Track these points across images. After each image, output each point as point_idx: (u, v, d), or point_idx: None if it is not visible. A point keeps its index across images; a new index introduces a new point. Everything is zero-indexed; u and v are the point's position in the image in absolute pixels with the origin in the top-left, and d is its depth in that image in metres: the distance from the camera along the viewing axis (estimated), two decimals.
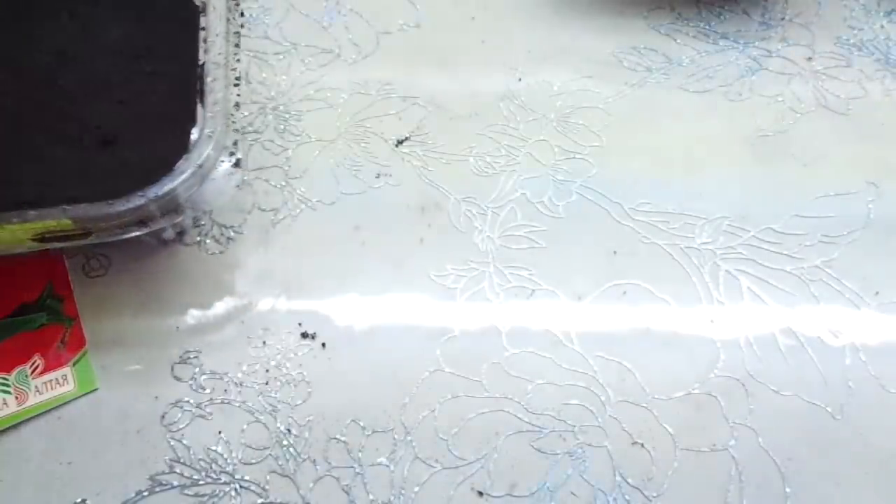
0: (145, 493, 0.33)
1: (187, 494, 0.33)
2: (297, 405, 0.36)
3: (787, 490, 0.34)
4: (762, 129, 0.46)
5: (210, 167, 0.34)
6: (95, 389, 0.36)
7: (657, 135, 0.45)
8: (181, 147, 0.34)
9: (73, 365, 0.36)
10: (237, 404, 0.35)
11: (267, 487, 0.33)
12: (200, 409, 0.35)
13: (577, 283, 0.39)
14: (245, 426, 0.35)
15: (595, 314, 0.39)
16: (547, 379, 0.37)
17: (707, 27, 0.51)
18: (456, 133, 0.44)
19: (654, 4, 0.52)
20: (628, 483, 0.34)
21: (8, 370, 0.35)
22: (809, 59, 0.49)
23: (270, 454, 0.34)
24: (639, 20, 0.51)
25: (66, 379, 0.36)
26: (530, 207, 0.42)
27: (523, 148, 0.44)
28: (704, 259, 0.41)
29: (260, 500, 0.33)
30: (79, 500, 0.33)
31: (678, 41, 0.50)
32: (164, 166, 0.33)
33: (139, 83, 0.38)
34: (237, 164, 0.35)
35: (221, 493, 0.33)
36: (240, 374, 0.36)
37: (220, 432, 0.35)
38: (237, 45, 0.38)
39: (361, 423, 0.35)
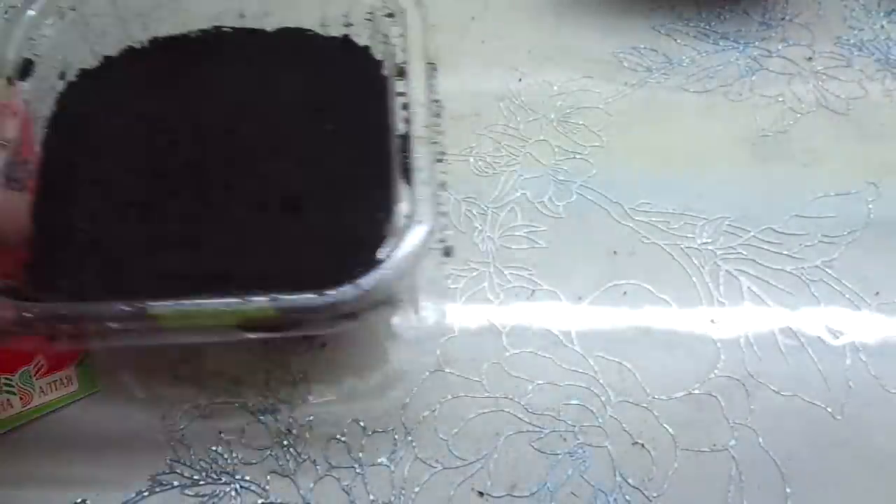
0: (145, 493, 0.33)
1: (187, 494, 0.33)
2: (297, 405, 0.36)
3: (788, 490, 0.34)
4: (762, 129, 0.46)
5: (422, 256, 0.29)
6: (99, 390, 0.36)
7: (657, 135, 0.45)
8: (379, 225, 0.31)
9: (77, 366, 0.36)
10: (237, 404, 0.35)
11: (267, 487, 0.33)
12: (200, 409, 0.35)
13: (577, 283, 0.39)
14: (245, 426, 0.35)
15: (595, 314, 0.39)
16: (547, 379, 0.37)
17: (707, 27, 0.51)
18: (456, 133, 0.44)
19: (655, 5, 0.52)
20: (629, 483, 0.34)
21: (12, 371, 0.35)
22: (809, 59, 0.49)
23: (270, 454, 0.34)
24: (639, 20, 0.51)
25: (69, 380, 0.36)
26: (530, 207, 0.42)
27: (523, 148, 0.44)
28: (705, 259, 0.41)
29: (260, 500, 0.33)
30: (79, 501, 0.33)
31: (678, 41, 0.50)
32: (362, 245, 0.30)
33: (321, 143, 0.35)
34: (447, 253, 0.30)
35: (221, 493, 0.33)
36: (240, 374, 0.36)
37: (220, 432, 0.35)
38: (438, 115, 0.33)
39: (361, 423, 0.35)
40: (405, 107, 0.33)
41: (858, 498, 0.34)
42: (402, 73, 0.34)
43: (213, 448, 0.34)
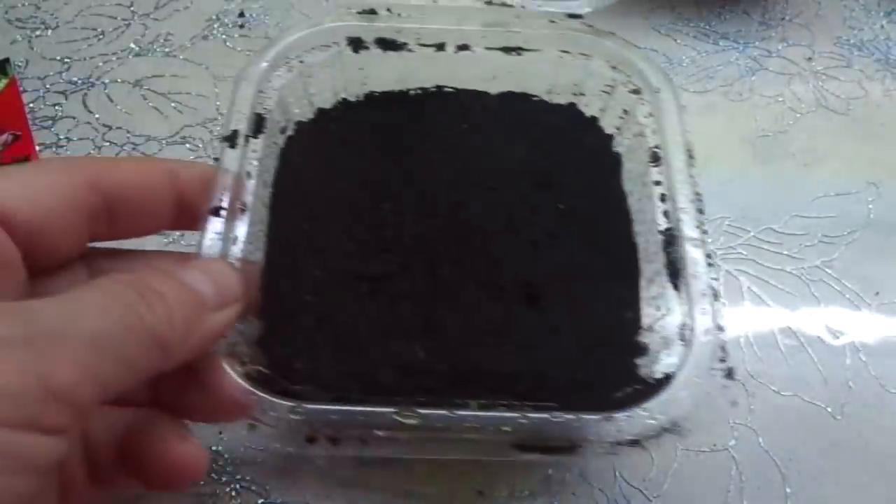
0: (145, 493, 0.33)
1: (187, 494, 0.33)
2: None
3: (787, 490, 0.34)
4: (762, 129, 0.46)
5: (707, 378, 0.26)
6: None
7: None
8: (631, 328, 0.28)
9: None
10: None
11: (267, 487, 0.33)
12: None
13: None
14: (246, 426, 0.35)
15: None
16: None
17: (707, 27, 0.51)
18: None
19: (655, 5, 0.52)
20: (629, 483, 0.34)
21: None
22: (809, 59, 0.49)
23: (270, 454, 0.34)
24: (639, 20, 0.51)
25: None
26: None
27: None
28: None
29: (260, 500, 0.33)
30: None
31: (678, 41, 0.50)
32: (619, 352, 0.27)
33: (554, 223, 0.31)
34: (729, 375, 0.26)
35: (221, 493, 0.33)
36: None
37: (220, 432, 0.35)
38: (701, 211, 0.29)
39: None
40: (663, 198, 0.30)
41: (858, 498, 0.34)
42: (656, 158, 0.31)
43: (214, 448, 0.34)
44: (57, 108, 0.46)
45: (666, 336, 0.26)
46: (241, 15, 0.50)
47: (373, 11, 0.34)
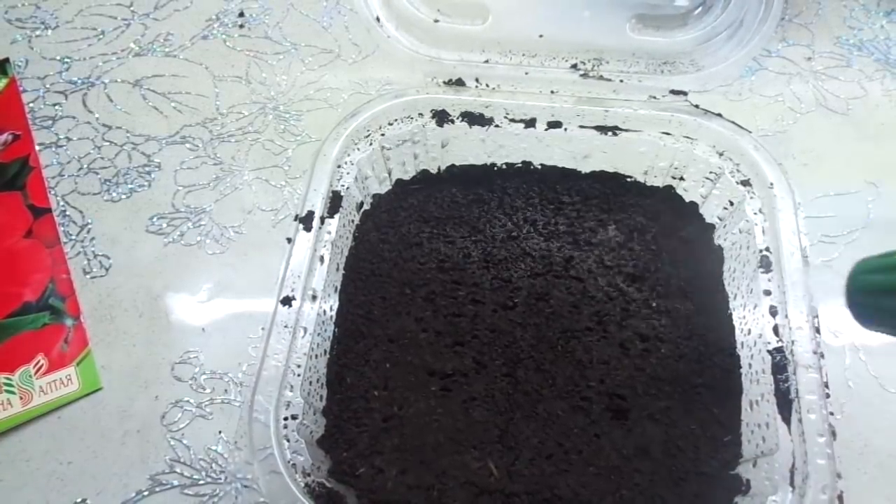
0: (145, 493, 0.33)
1: (187, 494, 0.33)
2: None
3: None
4: (762, 129, 0.46)
5: None
6: (100, 389, 0.36)
7: None
8: (728, 458, 0.25)
9: (77, 365, 0.36)
10: (237, 404, 0.35)
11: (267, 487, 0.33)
12: (200, 408, 0.35)
13: None
14: (245, 426, 0.35)
15: None
16: None
17: None
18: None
19: None
20: None
21: (11, 370, 0.35)
22: (809, 59, 0.49)
23: (271, 454, 0.34)
24: None
25: (70, 379, 0.36)
26: None
27: None
28: None
29: (260, 500, 0.33)
30: (79, 500, 0.33)
31: None
32: (718, 486, 0.24)
33: (645, 324, 0.29)
34: None
35: (221, 493, 0.33)
36: (240, 374, 0.36)
37: (220, 432, 0.35)
38: (818, 331, 0.25)
39: None
40: (773, 311, 0.27)
41: (858, 498, 0.34)
42: (767, 264, 0.28)
43: (213, 448, 0.34)
44: (57, 107, 0.46)
45: (772, 478, 0.23)
46: (241, 15, 0.50)
47: (460, 83, 0.32)
